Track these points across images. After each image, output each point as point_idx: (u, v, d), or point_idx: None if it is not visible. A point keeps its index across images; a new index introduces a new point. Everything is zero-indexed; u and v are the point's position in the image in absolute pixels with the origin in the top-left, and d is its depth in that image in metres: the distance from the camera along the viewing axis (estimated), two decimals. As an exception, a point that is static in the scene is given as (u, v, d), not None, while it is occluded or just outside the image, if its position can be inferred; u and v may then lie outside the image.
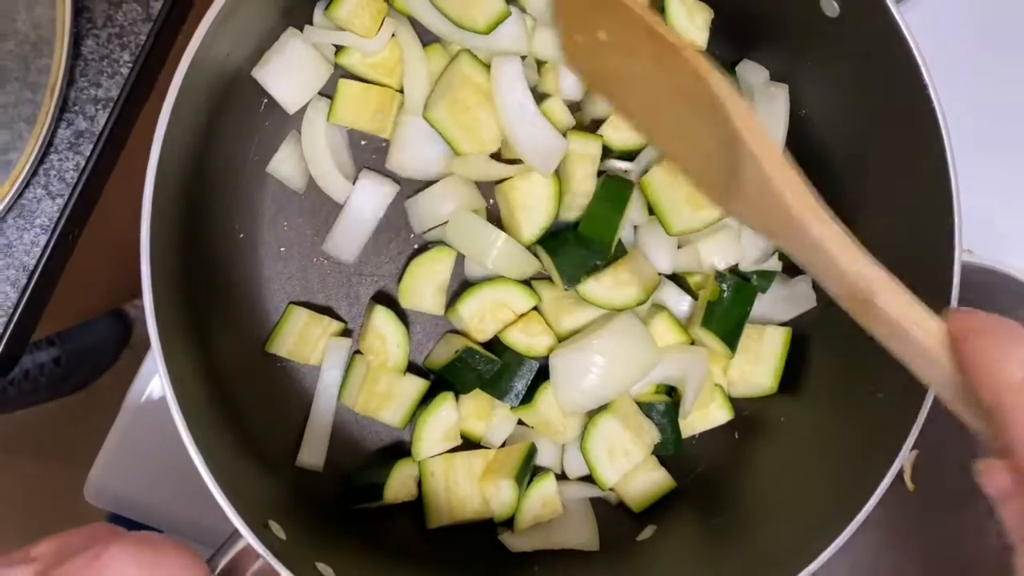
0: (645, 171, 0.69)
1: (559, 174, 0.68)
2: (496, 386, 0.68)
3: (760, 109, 0.68)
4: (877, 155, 0.64)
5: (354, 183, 0.69)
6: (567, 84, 0.68)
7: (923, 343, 0.42)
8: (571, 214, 0.69)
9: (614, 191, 0.68)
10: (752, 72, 0.70)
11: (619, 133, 0.69)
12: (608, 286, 0.68)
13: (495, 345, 0.70)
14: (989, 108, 0.84)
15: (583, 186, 0.68)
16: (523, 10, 0.67)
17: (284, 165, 0.69)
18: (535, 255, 0.69)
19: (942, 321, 0.43)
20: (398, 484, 0.67)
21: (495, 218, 0.71)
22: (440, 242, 0.70)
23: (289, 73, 0.65)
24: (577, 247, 0.67)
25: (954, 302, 0.58)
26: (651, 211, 0.70)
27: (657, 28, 0.52)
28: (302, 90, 0.67)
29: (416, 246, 0.71)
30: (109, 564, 0.37)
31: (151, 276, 0.52)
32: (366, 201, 0.69)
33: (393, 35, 0.67)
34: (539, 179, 0.67)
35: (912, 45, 0.56)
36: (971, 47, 0.84)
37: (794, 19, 0.64)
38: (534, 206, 0.68)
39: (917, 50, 0.56)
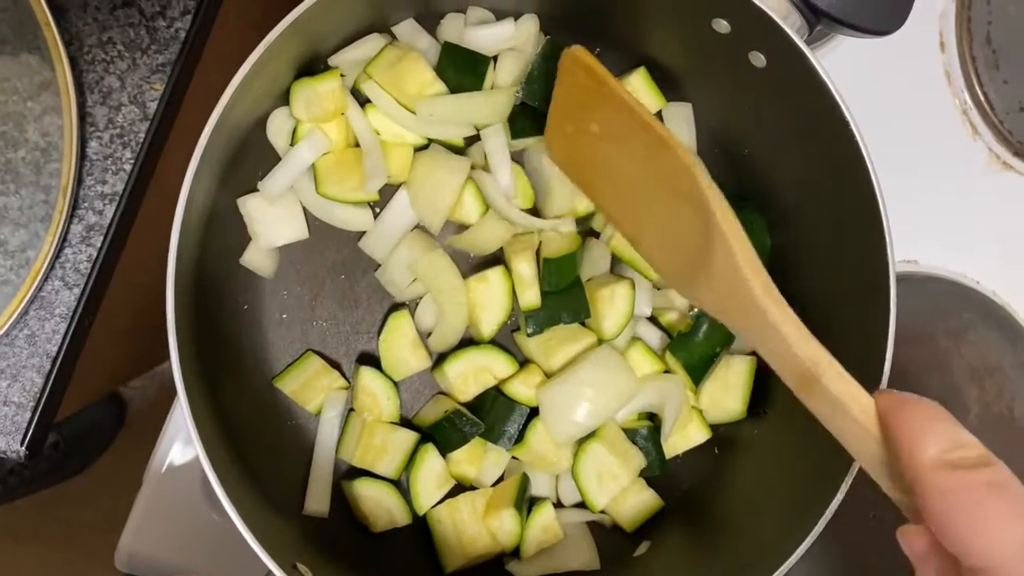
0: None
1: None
2: (489, 433, 0.73)
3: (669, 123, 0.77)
4: (813, 184, 0.70)
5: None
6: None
7: (858, 418, 0.46)
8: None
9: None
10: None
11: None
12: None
13: (486, 395, 0.74)
14: (907, 133, 0.92)
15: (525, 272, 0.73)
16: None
17: (254, 257, 0.73)
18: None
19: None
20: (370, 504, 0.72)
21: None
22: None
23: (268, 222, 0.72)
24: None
25: (893, 308, 0.63)
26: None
27: (652, 123, 0.58)
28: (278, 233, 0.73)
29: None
30: None
31: (179, 354, 0.57)
32: (403, 208, 0.74)
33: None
34: (494, 280, 0.73)
35: (830, 85, 0.62)
36: (883, 80, 0.92)
37: (727, 69, 0.71)
38: (490, 305, 0.74)
39: (835, 89, 0.62)
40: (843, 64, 0.86)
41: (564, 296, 0.72)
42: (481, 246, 0.75)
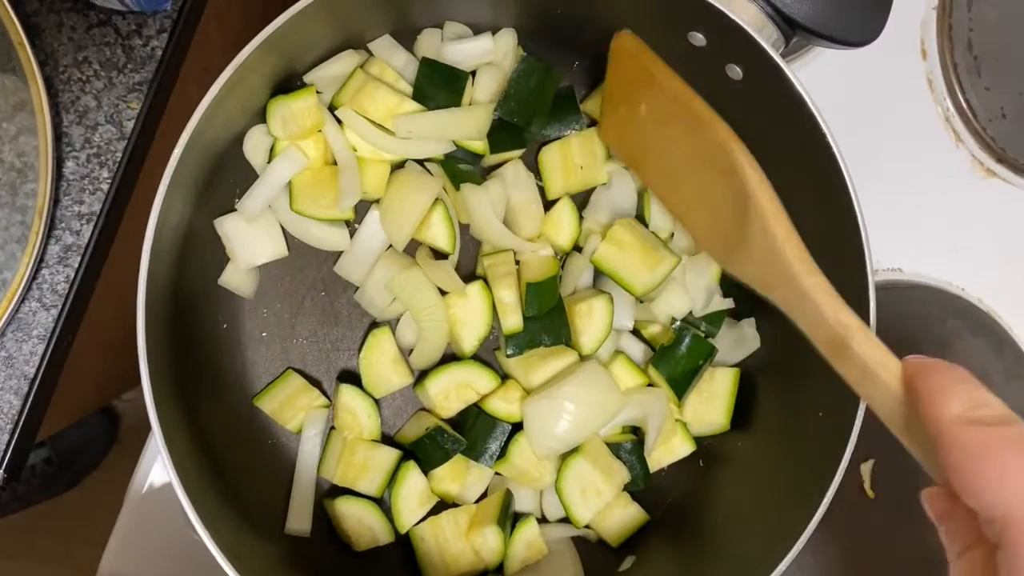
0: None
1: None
2: (472, 450, 0.73)
3: None
4: (793, 196, 0.70)
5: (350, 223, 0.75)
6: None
7: (886, 381, 0.48)
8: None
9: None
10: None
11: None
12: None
13: (468, 412, 0.74)
14: (891, 141, 0.92)
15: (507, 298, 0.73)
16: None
17: (233, 277, 0.73)
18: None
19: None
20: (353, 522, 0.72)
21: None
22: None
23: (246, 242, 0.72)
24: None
25: (872, 313, 0.63)
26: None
27: (694, 103, 0.61)
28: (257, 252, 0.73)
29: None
30: None
31: (150, 375, 0.56)
32: (375, 228, 0.74)
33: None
34: (474, 296, 0.73)
35: (806, 98, 0.62)
36: (866, 89, 0.92)
37: (704, 83, 0.70)
38: (471, 321, 0.74)
39: (811, 101, 0.62)
40: (825, 74, 0.86)
41: (546, 319, 0.72)
42: None
